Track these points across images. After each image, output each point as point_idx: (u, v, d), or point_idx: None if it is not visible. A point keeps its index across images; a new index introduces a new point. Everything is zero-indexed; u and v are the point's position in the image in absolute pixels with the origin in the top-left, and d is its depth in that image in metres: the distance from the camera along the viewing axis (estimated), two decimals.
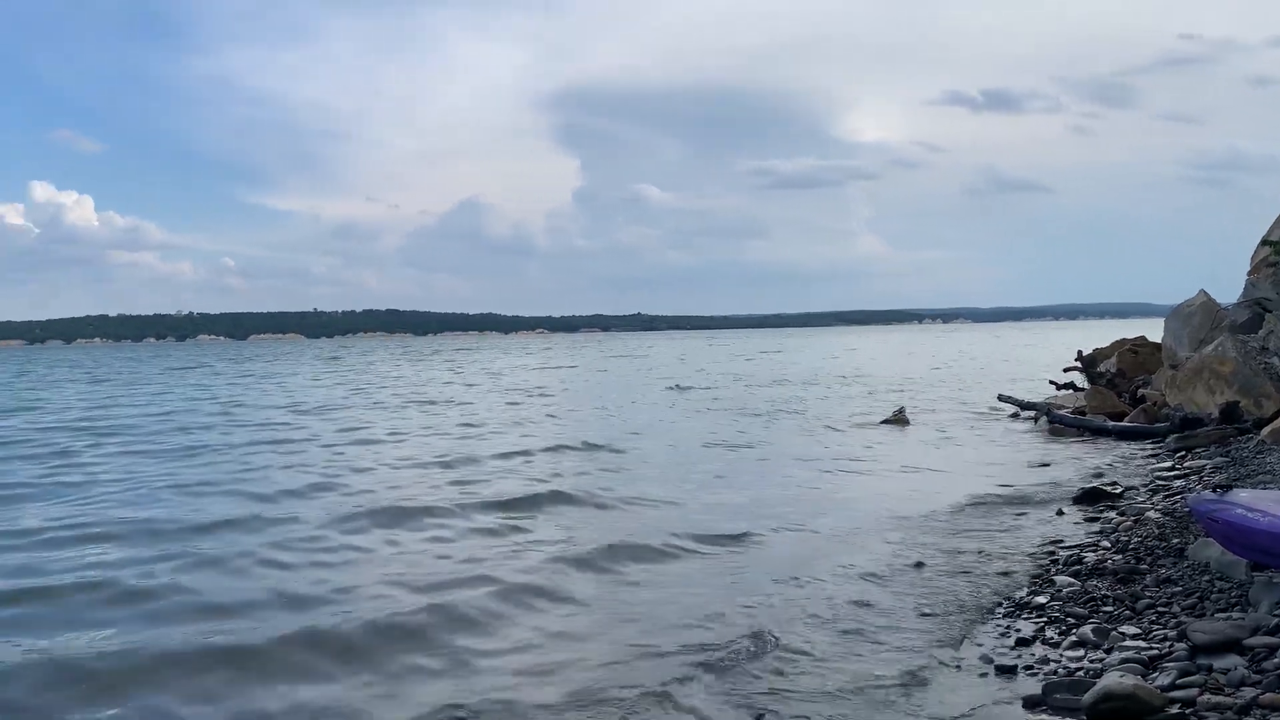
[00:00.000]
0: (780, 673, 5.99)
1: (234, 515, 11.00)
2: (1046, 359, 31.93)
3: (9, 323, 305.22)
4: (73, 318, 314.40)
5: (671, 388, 31.85)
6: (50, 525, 10.66)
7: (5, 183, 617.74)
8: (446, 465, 15.10)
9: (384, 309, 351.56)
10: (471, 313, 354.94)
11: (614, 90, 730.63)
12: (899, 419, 19.77)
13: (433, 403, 28.33)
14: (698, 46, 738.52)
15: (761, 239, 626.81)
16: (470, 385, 38.31)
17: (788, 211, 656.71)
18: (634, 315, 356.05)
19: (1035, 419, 19.37)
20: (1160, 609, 6.48)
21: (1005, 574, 7.99)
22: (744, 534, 9.86)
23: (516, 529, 10.38)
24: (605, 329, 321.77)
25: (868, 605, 7.33)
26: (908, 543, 9.24)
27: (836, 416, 21.74)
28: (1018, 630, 6.51)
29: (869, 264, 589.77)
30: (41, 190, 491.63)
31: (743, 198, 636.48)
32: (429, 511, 11.18)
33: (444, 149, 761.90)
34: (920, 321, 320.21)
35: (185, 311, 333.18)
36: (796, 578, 8.13)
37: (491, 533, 10.24)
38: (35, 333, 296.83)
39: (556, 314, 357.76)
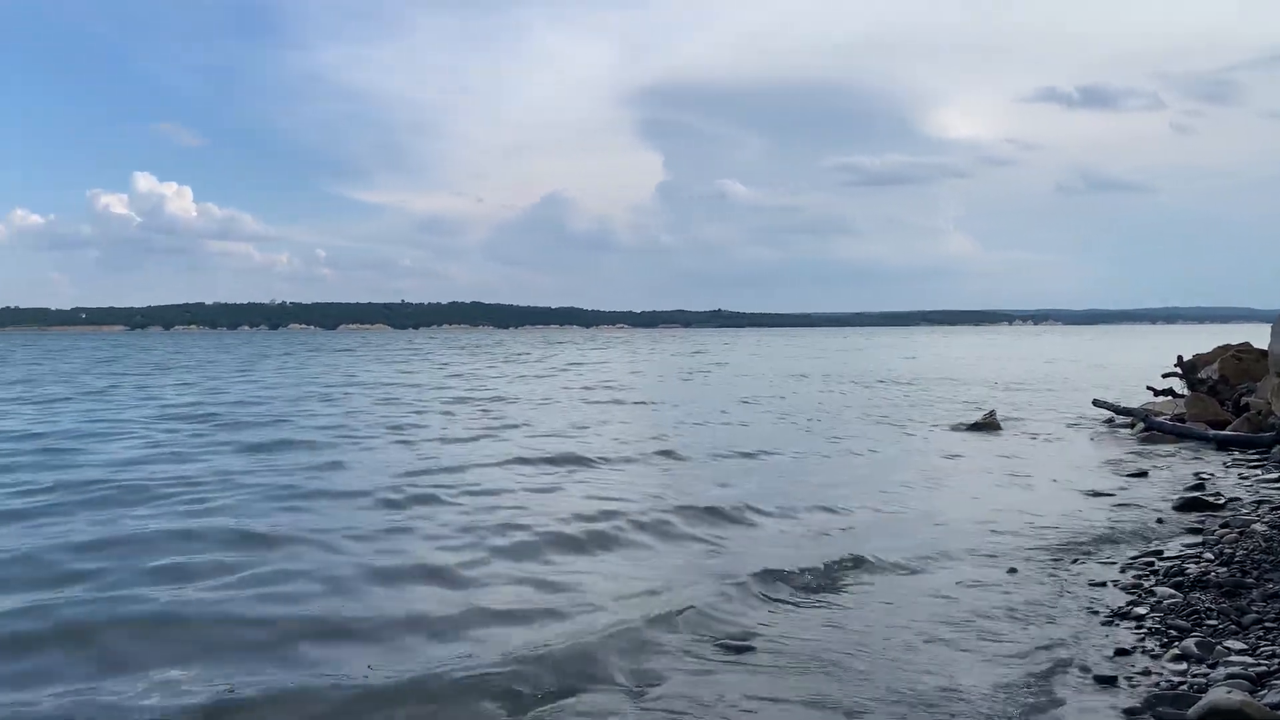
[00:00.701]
0: (868, 678, 5.99)
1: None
2: (1141, 364, 30.93)
3: (112, 308, 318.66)
4: (171, 305, 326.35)
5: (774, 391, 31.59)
6: None
7: (112, 173, 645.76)
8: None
9: (468, 301, 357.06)
10: (553, 306, 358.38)
11: (699, 85, 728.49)
12: (989, 423, 19.41)
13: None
14: (784, 42, 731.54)
15: (846, 236, 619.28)
16: (564, 386, 38.64)
17: (873, 209, 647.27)
18: (714, 312, 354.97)
19: (1131, 425, 18.85)
20: (1268, 625, 6.32)
21: (1101, 583, 7.85)
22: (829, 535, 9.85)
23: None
24: (686, 325, 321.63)
25: (958, 611, 7.27)
26: (999, 549, 9.12)
27: (924, 420, 21.43)
28: (1116, 641, 6.40)
29: (957, 263, 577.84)
30: (144, 181, 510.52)
31: (827, 194, 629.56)
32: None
33: (528, 143, 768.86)
34: (1009, 323, 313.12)
35: (278, 301, 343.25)
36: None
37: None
38: (136, 319, 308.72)
39: (637, 309, 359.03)
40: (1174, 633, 6.40)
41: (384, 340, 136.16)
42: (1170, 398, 20.21)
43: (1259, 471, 13.31)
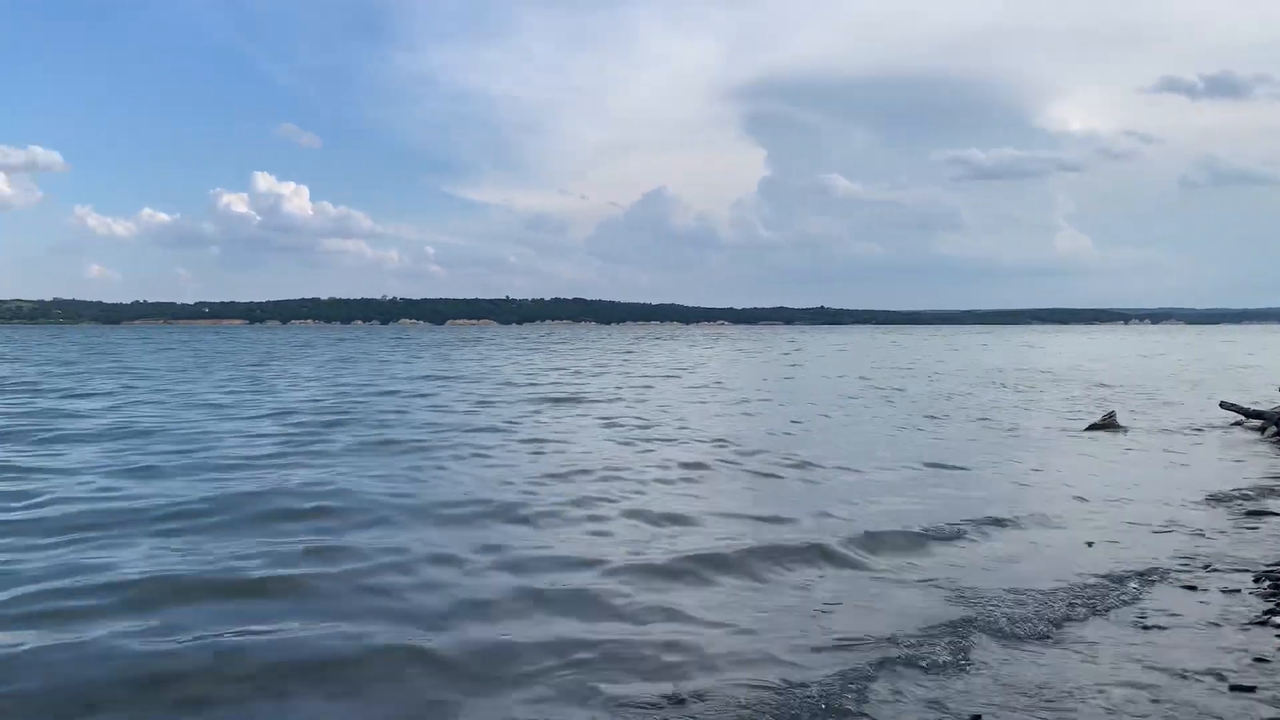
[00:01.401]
0: (998, 680, 5.98)
1: None
2: (1271, 364, 29.54)
3: (233, 303, 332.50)
4: (288, 300, 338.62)
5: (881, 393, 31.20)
6: None
7: (234, 173, 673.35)
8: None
9: (571, 298, 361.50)
10: (654, 303, 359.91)
11: (804, 79, 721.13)
12: (1109, 424, 18.86)
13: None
14: (893, 33, 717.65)
15: (955, 232, 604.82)
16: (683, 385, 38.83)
17: (984, 203, 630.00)
18: (817, 308, 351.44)
19: (1262, 429, 18.07)
20: None
21: (1234, 590, 7.64)
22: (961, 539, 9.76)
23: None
24: (788, 322, 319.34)
25: (1086, 617, 7.17)
26: (1127, 554, 8.93)
27: (1041, 421, 20.95)
28: (1255, 650, 6.24)
29: (1071, 260, 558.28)
30: (264, 181, 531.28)
31: (936, 188, 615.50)
32: None
33: (633, 141, 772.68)
34: (1126, 322, 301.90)
35: (389, 297, 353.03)
36: (1015, 589, 7.86)
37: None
38: (256, 313, 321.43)
39: (738, 305, 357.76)
40: None
41: (511, 336, 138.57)
42: None
43: None
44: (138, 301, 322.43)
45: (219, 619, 6.89)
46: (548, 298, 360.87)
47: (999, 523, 10.33)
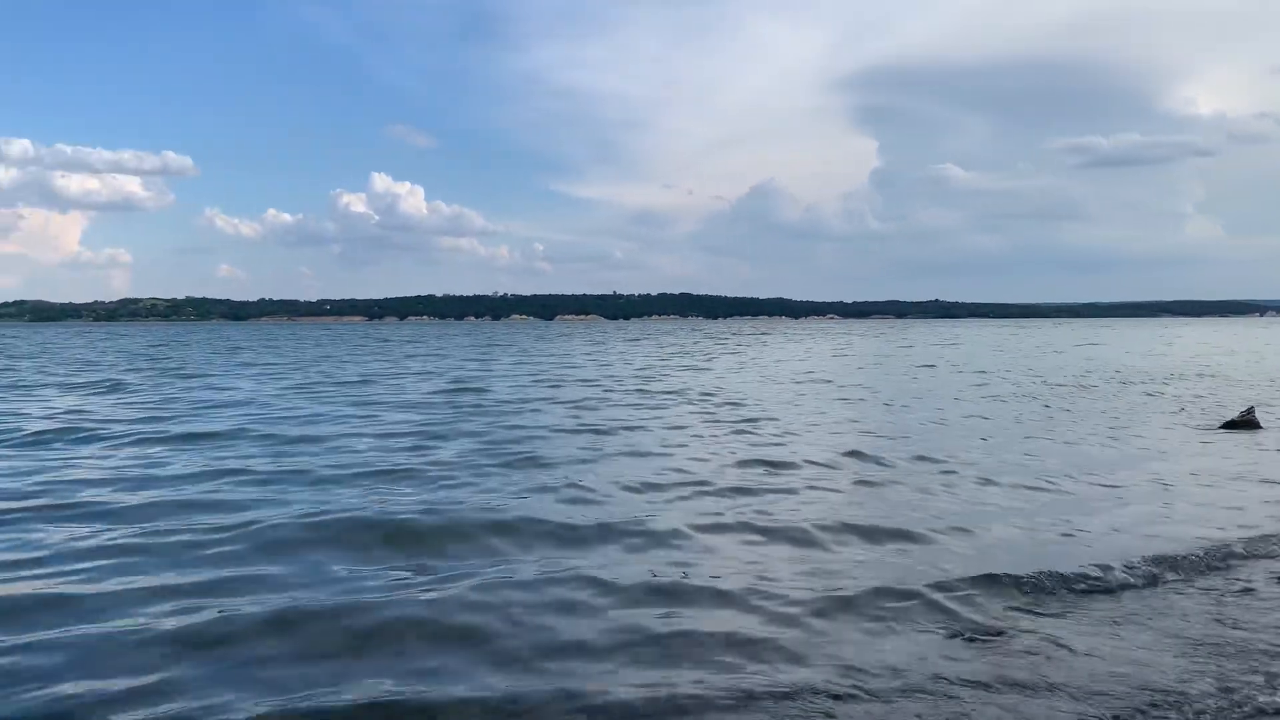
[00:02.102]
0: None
1: None
2: None
3: (353, 300, 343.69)
4: (405, 296, 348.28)
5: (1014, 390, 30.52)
6: None
7: (352, 174, 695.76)
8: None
9: (677, 292, 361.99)
10: (762, 297, 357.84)
11: (916, 68, 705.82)
12: (1247, 420, 18.13)
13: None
14: (1010, 18, 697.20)
15: (1075, 221, 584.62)
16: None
17: (1106, 191, 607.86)
18: (931, 302, 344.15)
19: None
20: None
21: None
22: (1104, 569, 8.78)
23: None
24: (900, 315, 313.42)
25: (1226, 624, 7.01)
26: (1264, 565, 8.67)
27: (1173, 416, 20.26)
28: None
29: (1200, 249, 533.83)
30: (380, 181, 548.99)
31: (1055, 177, 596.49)
32: None
33: (739, 134, 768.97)
34: (1261, 314, 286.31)
35: (500, 293, 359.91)
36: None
37: None
38: (374, 310, 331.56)
39: (849, 299, 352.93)
40: None
41: (628, 331, 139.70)
42: None
43: None
44: (263, 299, 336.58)
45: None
46: (654, 293, 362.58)
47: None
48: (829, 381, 31.34)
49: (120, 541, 8.81)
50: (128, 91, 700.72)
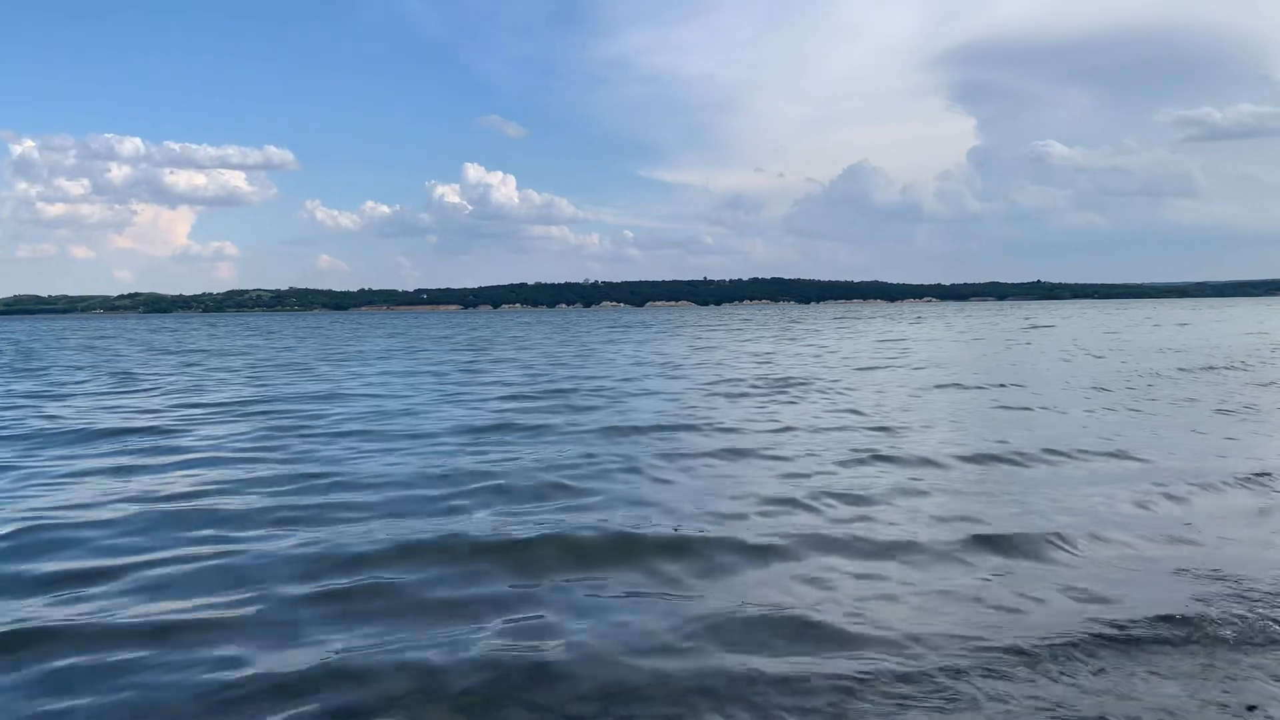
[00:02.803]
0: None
1: None
2: None
3: (449, 289, 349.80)
4: (498, 285, 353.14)
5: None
6: None
7: (446, 165, 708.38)
8: None
9: (768, 277, 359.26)
10: (856, 280, 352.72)
11: (1016, 42, 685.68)
12: None
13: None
14: None
15: (1186, 198, 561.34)
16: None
17: (1219, 166, 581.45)
18: (1033, 283, 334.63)
19: None
20: None
21: None
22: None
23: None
24: (1000, 297, 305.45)
25: None
26: None
27: None
28: None
29: None
30: (473, 171, 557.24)
31: (1163, 152, 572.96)
32: None
33: (831, 116, 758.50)
34: None
35: (591, 280, 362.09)
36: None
37: None
38: (469, 298, 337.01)
39: (946, 281, 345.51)
40: None
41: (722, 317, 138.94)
42: None
43: None
44: (363, 289, 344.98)
45: None
46: (745, 278, 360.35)
47: None
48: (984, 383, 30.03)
49: None
50: (229, 88, 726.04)
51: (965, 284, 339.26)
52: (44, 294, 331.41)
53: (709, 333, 61.70)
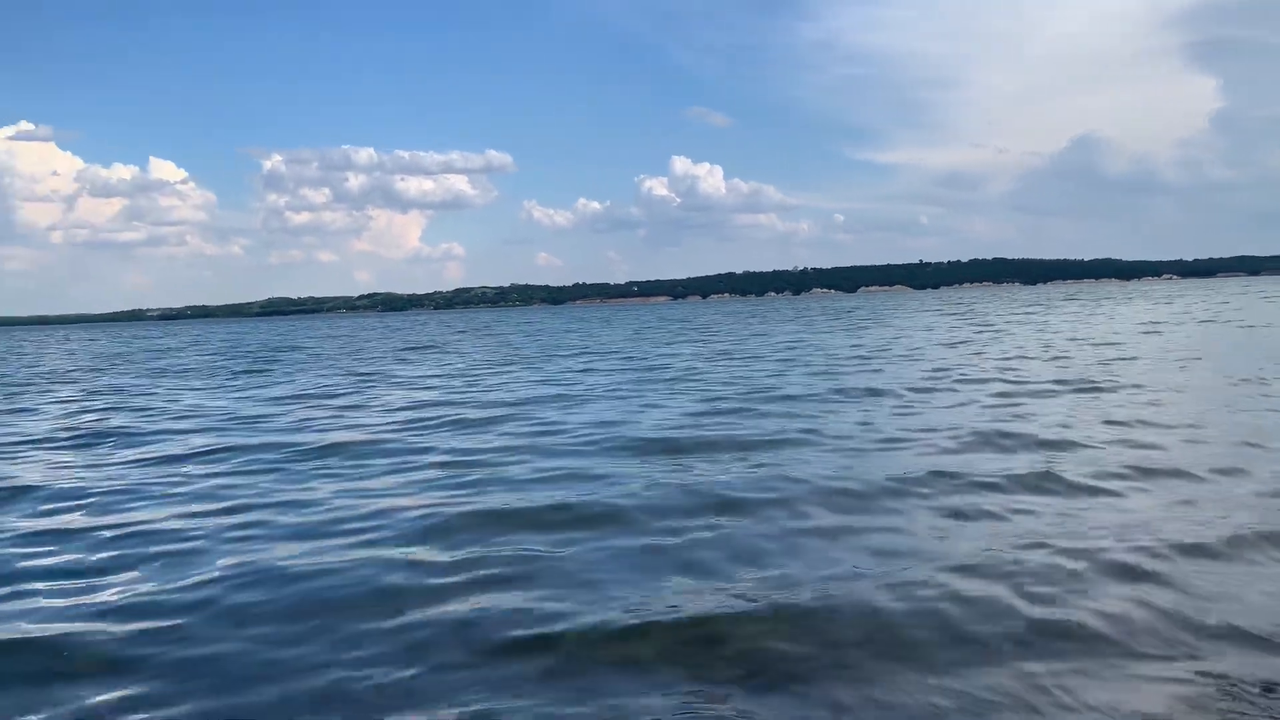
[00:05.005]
0: None
1: None
2: None
3: (658, 281, 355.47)
4: (706, 275, 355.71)
5: None
6: None
7: (654, 159, 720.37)
8: None
9: (990, 258, 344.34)
10: (1085, 259, 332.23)
11: None
12: None
13: None
14: None
15: None
16: None
17: None
18: None
19: None
20: None
21: None
22: None
23: None
24: (1252, 272, 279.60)
25: None
26: None
27: None
28: None
29: None
30: (680, 164, 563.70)
31: None
32: None
33: (1052, 85, 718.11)
34: None
35: (800, 267, 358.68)
36: None
37: None
38: (678, 290, 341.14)
39: (1188, 257, 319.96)
40: None
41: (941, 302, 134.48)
42: None
43: None
44: (578, 284, 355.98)
45: None
46: (964, 259, 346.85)
47: None
48: None
49: None
50: (449, 97, 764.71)
51: (1211, 259, 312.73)
52: (294, 296, 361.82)
53: (985, 317, 57.66)
